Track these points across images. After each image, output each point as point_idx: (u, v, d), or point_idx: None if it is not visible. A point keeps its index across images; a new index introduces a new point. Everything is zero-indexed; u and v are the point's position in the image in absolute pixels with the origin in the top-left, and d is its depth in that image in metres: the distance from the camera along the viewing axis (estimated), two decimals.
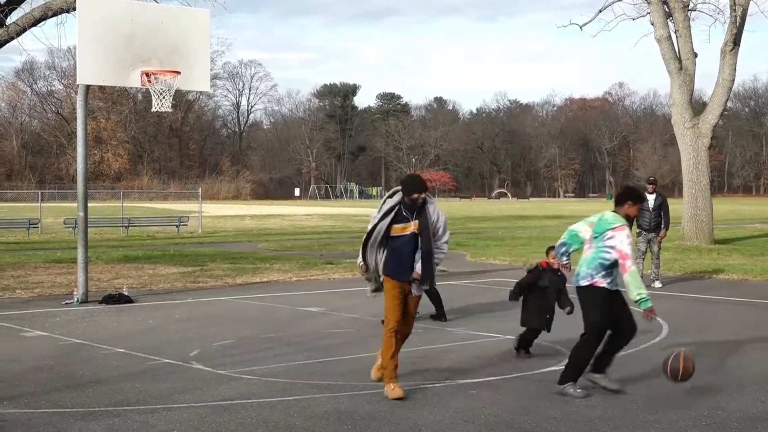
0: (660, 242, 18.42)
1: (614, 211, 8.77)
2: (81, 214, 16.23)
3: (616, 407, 8.00)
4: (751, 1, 29.77)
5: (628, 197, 8.83)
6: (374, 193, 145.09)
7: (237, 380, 9.15)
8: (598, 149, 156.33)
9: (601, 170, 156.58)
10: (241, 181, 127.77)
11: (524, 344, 10.48)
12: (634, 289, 8.28)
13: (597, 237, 8.65)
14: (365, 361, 10.20)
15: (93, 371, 9.62)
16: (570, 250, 9.18)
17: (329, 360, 10.28)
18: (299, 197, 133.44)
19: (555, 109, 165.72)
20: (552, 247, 10.04)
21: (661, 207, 18.12)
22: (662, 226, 18.20)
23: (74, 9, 16.88)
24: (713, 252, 26.52)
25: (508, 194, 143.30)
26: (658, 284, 18.16)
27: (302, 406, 8.03)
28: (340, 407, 8.01)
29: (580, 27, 33.27)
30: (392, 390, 8.30)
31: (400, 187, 8.64)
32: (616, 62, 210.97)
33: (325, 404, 8.11)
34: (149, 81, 15.79)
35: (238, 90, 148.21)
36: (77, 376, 9.37)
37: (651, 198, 18.03)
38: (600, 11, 32.44)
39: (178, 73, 15.89)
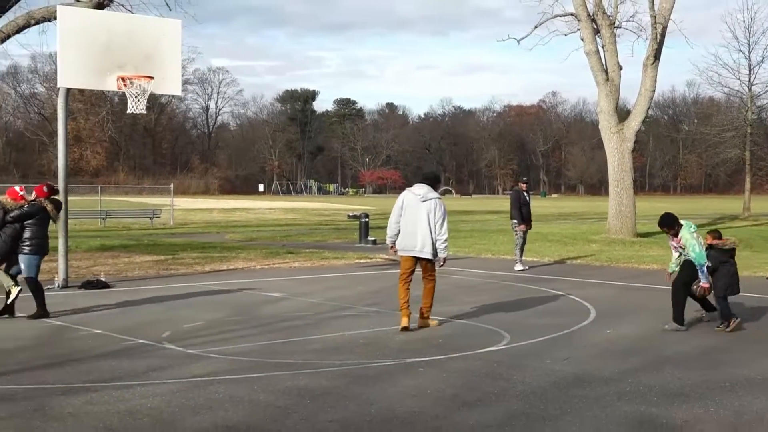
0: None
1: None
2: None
3: (547, 383, 8.05)
4: (669, 20, 30.11)
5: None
6: (331, 189, 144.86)
7: (206, 359, 9.08)
8: (533, 151, 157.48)
9: (535, 170, 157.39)
10: (210, 177, 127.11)
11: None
12: None
13: None
14: (323, 341, 10.20)
15: (72, 350, 9.50)
16: None
17: (290, 340, 10.24)
18: (263, 192, 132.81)
19: (495, 114, 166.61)
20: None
21: (529, 203, 19.85)
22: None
23: (55, 18, 16.64)
24: (636, 244, 26.82)
25: (453, 191, 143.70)
26: (519, 267, 19.40)
27: (265, 383, 7.99)
28: (300, 383, 7.98)
29: (518, 41, 33.36)
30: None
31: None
32: (550, 73, 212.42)
33: (287, 381, 8.08)
34: (125, 85, 15.60)
35: (207, 94, 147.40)
36: (58, 355, 9.25)
37: (526, 195, 19.69)
38: (536, 27, 32.53)
39: (152, 78, 15.72)
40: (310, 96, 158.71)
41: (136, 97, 15.67)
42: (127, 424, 6.58)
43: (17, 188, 12.47)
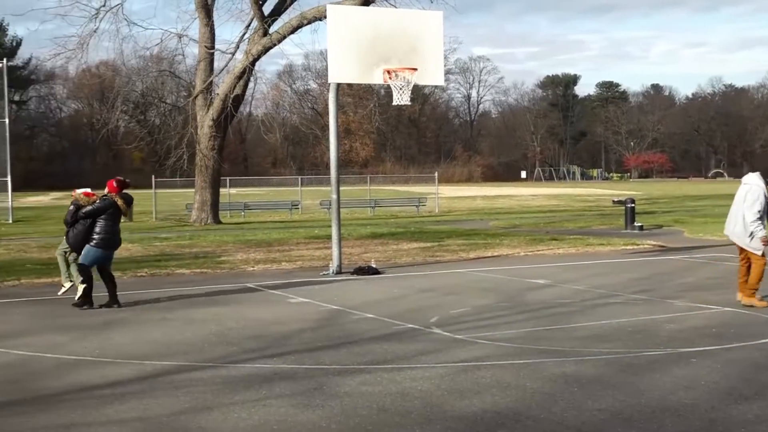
0: None
1: None
2: (334, 196, 16.79)
3: None
4: None
5: None
6: (594, 174, 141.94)
7: (472, 344, 9.19)
8: None
9: None
10: (473, 165, 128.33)
11: None
12: None
13: None
14: (589, 328, 10.02)
15: (347, 333, 9.94)
16: None
17: (555, 327, 10.15)
18: (525, 179, 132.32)
19: None
20: None
21: None
22: None
23: (325, 18, 17.43)
24: None
25: (725, 174, 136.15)
26: None
27: (531, 369, 7.98)
28: (567, 371, 7.89)
29: None
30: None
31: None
32: None
33: (553, 368, 8.02)
34: (390, 77, 16.07)
35: (469, 83, 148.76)
36: (334, 337, 9.71)
37: None
38: None
39: (416, 69, 16.09)
40: (572, 80, 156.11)
41: (400, 88, 16.11)
42: (398, 406, 6.79)
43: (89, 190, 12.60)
